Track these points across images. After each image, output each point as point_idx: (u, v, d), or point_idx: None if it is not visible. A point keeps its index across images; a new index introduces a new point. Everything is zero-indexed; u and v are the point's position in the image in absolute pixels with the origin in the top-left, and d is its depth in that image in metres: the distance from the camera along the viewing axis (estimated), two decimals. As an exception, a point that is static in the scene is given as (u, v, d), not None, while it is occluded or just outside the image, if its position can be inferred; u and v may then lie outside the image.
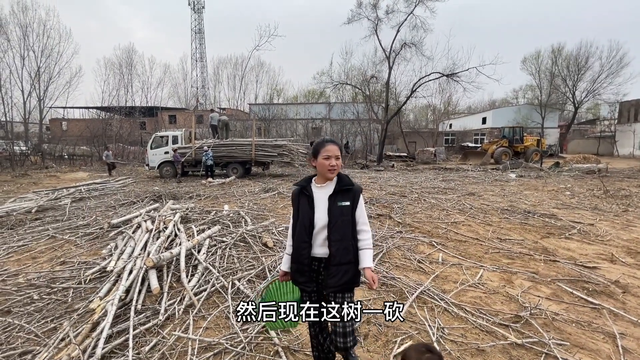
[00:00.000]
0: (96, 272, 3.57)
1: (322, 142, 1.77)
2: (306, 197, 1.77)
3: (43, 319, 2.75)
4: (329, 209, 1.72)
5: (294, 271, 1.81)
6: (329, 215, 1.71)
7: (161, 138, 15.30)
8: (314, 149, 1.78)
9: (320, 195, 1.76)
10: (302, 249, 1.75)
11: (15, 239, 5.11)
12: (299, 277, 1.79)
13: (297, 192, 1.82)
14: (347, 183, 1.77)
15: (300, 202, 1.78)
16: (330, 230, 1.70)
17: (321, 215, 1.73)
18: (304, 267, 1.76)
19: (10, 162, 19.90)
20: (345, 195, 1.74)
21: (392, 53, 22.27)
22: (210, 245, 4.39)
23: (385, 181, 12.33)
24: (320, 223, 1.73)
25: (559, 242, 4.88)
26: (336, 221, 1.70)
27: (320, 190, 1.78)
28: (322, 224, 1.73)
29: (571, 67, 32.36)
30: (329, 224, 1.70)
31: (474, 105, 50.81)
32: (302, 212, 1.76)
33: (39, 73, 26.73)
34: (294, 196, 1.84)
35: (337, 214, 1.70)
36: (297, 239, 1.77)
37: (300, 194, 1.80)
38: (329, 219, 1.71)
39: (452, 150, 31.84)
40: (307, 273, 1.77)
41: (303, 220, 1.75)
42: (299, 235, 1.76)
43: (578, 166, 16.20)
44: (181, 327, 2.62)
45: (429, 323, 2.65)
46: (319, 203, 1.75)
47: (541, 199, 8.31)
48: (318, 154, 1.74)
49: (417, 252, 4.46)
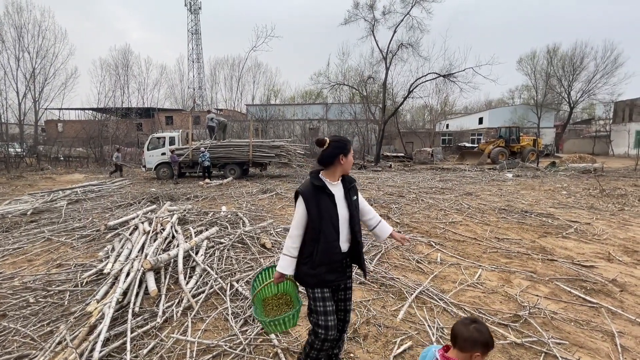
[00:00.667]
0: (93, 275, 3.54)
1: (348, 141, 1.85)
2: (327, 195, 1.78)
3: (39, 323, 2.72)
4: (349, 205, 1.83)
5: (325, 272, 1.78)
6: (350, 210, 1.83)
7: (158, 139, 15.22)
8: (345, 147, 1.81)
9: (337, 193, 1.83)
10: (334, 248, 1.78)
11: (11, 241, 5.06)
12: (331, 275, 1.80)
13: (312, 192, 1.77)
14: (351, 179, 1.91)
15: (320, 202, 1.76)
16: (354, 224, 1.83)
17: (343, 211, 1.81)
18: (337, 264, 1.81)
19: (5, 164, 19.72)
20: (354, 191, 1.90)
21: (389, 54, 22.31)
22: (208, 247, 4.37)
23: (382, 181, 12.35)
24: (343, 219, 1.81)
25: (557, 242, 4.90)
26: (355, 215, 1.85)
27: (335, 187, 1.83)
28: (344, 220, 1.81)
29: (566, 67, 32.56)
30: (352, 219, 1.83)
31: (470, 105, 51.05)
32: (325, 210, 1.75)
33: (34, 74, 26.50)
34: (308, 196, 1.76)
35: (354, 208, 1.86)
36: (327, 239, 1.75)
37: (317, 193, 1.77)
38: (350, 214, 1.82)
39: (449, 150, 31.92)
40: (341, 269, 1.84)
41: (330, 219, 1.76)
42: (328, 235, 1.75)
43: (574, 166, 16.32)
44: (179, 329, 2.60)
45: (428, 323, 2.65)
46: (339, 200, 1.81)
47: (538, 199, 8.35)
48: (349, 152, 1.82)
49: (415, 252, 4.46)
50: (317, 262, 1.77)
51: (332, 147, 1.79)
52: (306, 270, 1.80)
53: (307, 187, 1.80)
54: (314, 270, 1.78)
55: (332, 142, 1.80)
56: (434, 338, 2.45)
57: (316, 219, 1.75)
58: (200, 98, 45.74)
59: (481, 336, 1.30)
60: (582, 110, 40.58)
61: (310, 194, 1.77)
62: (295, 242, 1.82)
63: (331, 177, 1.83)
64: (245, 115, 34.59)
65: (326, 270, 1.78)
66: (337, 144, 1.80)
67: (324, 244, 1.75)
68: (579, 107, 36.17)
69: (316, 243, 1.76)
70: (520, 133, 23.01)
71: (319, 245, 1.75)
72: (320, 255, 1.76)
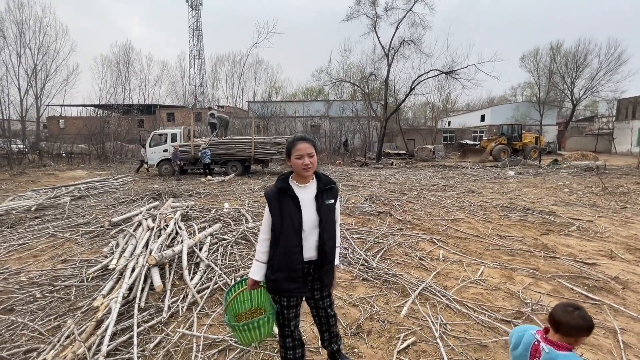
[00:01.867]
0: (98, 270, 3.57)
1: (293, 140, 1.68)
2: (290, 198, 1.66)
3: (46, 317, 2.75)
4: (318, 208, 1.68)
5: (282, 280, 1.68)
6: (320, 214, 1.68)
7: (160, 136, 15.25)
8: (287, 149, 1.70)
9: (304, 195, 1.69)
10: (293, 254, 1.65)
11: (16, 237, 5.10)
12: (290, 284, 1.69)
13: (275, 194, 1.67)
14: (329, 181, 1.78)
15: (282, 204, 1.65)
16: (323, 230, 1.69)
17: (310, 216, 1.67)
18: (297, 272, 1.68)
19: (7, 161, 19.79)
20: (330, 193, 1.75)
21: (391, 50, 22.23)
22: (211, 243, 4.40)
23: (384, 179, 12.35)
24: (309, 224, 1.67)
25: (559, 239, 4.91)
26: (326, 220, 1.70)
27: (303, 190, 1.70)
28: (312, 225, 1.67)
29: (569, 64, 32.40)
30: (321, 224, 1.68)
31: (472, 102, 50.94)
32: (287, 214, 1.64)
33: (36, 71, 26.56)
34: (271, 198, 1.67)
35: (326, 213, 1.70)
36: (287, 244, 1.64)
37: (280, 195, 1.66)
38: (320, 219, 1.68)
39: (451, 147, 31.85)
40: (301, 278, 1.71)
41: (292, 223, 1.63)
42: (287, 240, 1.64)
43: (576, 163, 16.27)
44: (185, 324, 2.63)
45: (431, 319, 2.67)
46: (305, 203, 1.67)
47: (540, 196, 8.35)
48: (291, 154, 1.67)
49: (418, 249, 4.48)
50: (275, 267, 1.68)
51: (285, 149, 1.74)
52: (267, 275, 1.73)
53: (272, 189, 1.71)
54: (272, 276, 1.70)
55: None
56: (437, 334, 2.47)
57: (277, 222, 1.65)
58: (202, 95, 45.72)
59: (586, 322, 1.33)
60: (584, 107, 40.45)
61: (271, 195, 1.68)
62: (264, 246, 1.73)
63: (298, 179, 1.72)
64: (247, 112, 34.57)
65: (284, 278, 1.67)
66: (285, 147, 1.74)
67: (283, 249, 1.65)
68: (582, 104, 36.08)
69: (276, 247, 1.68)
70: (522, 130, 22.94)
71: (277, 249, 1.67)
72: (278, 260, 1.67)
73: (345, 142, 28.03)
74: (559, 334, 1.36)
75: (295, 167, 1.67)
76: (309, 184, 1.73)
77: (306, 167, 1.65)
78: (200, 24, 48.74)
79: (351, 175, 13.35)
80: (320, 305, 1.87)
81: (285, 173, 1.78)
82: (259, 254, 1.75)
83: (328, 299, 1.87)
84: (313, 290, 1.81)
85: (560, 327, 1.35)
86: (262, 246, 1.73)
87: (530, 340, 1.42)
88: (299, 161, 1.65)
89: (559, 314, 1.37)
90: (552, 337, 1.37)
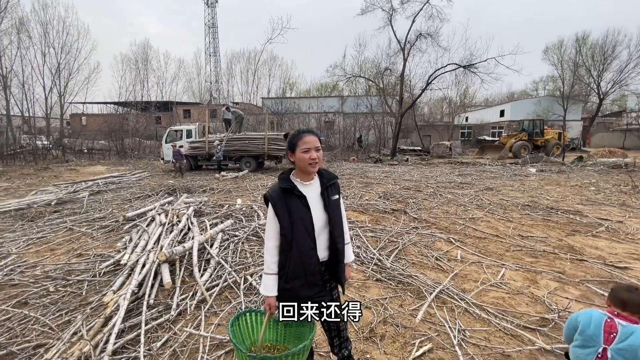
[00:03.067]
0: (110, 265, 3.58)
1: (298, 133, 1.55)
2: (297, 198, 1.53)
3: (58, 312, 2.76)
4: (325, 206, 1.58)
5: (300, 287, 1.55)
6: (328, 212, 1.57)
7: (176, 132, 15.48)
8: (290, 142, 1.56)
9: (310, 194, 1.57)
10: (310, 257, 1.54)
11: (35, 230, 5.22)
12: (309, 290, 1.56)
13: (279, 195, 1.53)
14: (331, 175, 1.67)
15: (291, 206, 1.52)
16: (334, 228, 1.58)
17: (319, 214, 1.56)
18: (316, 275, 1.56)
19: (33, 156, 20.58)
20: (334, 189, 1.65)
21: (407, 44, 21.71)
22: (223, 240, 4.36)
23: (399, 175, 12.11)
24: (320, 223, 1.56)
25: (586, 240, 4.63)
26: (335, 217, 1.60)
27: (309, 187, 1.58)
28: (322, 224, 1.57)
29: (596, 56, 30.85)
30: (330, 222, 1.58)
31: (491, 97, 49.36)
32: (297, 216, 1.51)
33: (59, 69, 27.43)
34: (276, 200, 1.53)
35: (334, 210, 1.61)
36: (302, 248, 1.52)
37: (286, 196, 1.53)
38: (329, 217, 1.57)
39: (469, 144, 31.03)
40: (321, 282, 1.59)
41: (304, 224, 1.52)
42: (302, 243, 1.52)
43: (603, 160, 15.50)
44: (193, 323, 2.58)
45: (449, 325, 2.52)
46: (313, 202, 1.56)
47: (564, 195, 7.96)
48: (296, 147, 1.53)
49: (434, 248, 4.31)
50: (289, 275, 1.53)
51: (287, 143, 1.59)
52: (281, 285, 1.56)
53: (275, 190, 1.55)
54: (287, 285, 1.54)
55: (285, 136, 1.58)
56: (455, 341, 2.32)
57: (287, 225, 1.51)
58: (217, 92, 46.24)
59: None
60: (612, 102, 38.43)
61: (276, 197, 1.53)
62: (273, 254, 1.57)
63: (301, 176, 1.58)
64: (261, 109, 34.70)
65: (302, 284, 1.54)
66: (287, 140, 1.59)
67: (297, 253, 1.52)
68: (609, 98, 34.24)
69: (288, 253, 1.53)
70: (544, 126, 22.03)
71: (291, 255, 1.52)
72: (294, 266, 1.52)
73: (360, 138, 27.74)
74: (627, 312, 1.45)
75: (301, 162, 1.53)
76: (313, 181, 1.61)
77: (313, 162, 1.52)
78: (216, 21, 49.17)
79: (365, 172, 13.16)
80: None
81: (285, 171, 1.64)
82: (270, 264, 1.57)
83: (338, 302, 1.75)
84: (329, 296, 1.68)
85: (627, 306, 1.45)
86: (272, 255, 1.57)
87: (602, 318, 1.47)
88: (305, 155, 1.51)
89: (624, 294, 1.48)
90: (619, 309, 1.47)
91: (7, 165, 17.98)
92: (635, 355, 1.38)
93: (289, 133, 1.60)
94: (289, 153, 1.58)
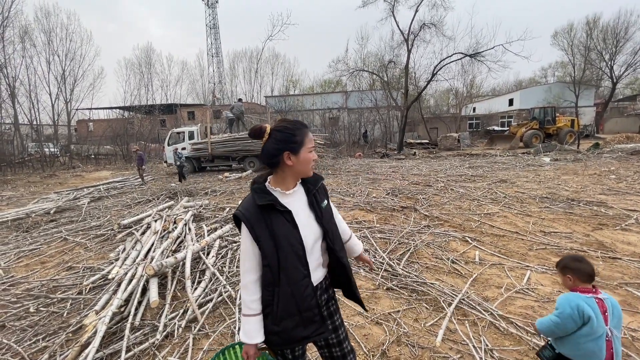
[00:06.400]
0: (98, 280, 3.32)
1: (300, 128, 1.20)
2: (280, 214, 1.18)
3: (35, 336, 2.50)
4: (317, 216, 1.25)
5: (293, 327, 1.20)
6: (322, 222, 1.25)
7: (178, 134, 15.30)
8: (291, 140, 1.18)
9: (295, 205, 1.23)
10: (304, 289, 1.20)
11: (28, 242, 5.02)
12: (304, 329, 1.21)
13: (257, 215, 1.17)
14: (316, 177, 1.32)
15: (273, 225, 1.16)
16: (333, 242, 1.28)
17: (309, 230, 1.23)
18: (313, 310, 1.22)
19: (41, 164, 20.69)
20: (321, 193, 1.33)
21: (411, 35, 21.13)
22: (220, 247, 4.08)
23: (407, 170, 11.70)
24: (310, 240, 1.23)
25: (615, 235, 4.21)
26: (332, 229, 1.30)
27: (291, 197, 1.24)
28: (313, 240, 1.24)
29: (608, 39, 29.71)
30: (327, 235, 1.26)
31: (498, 86, 48.19)
32: (283, 237, 1.17)
33: (64, 76, 27.49)
34: (253, 222, 1.17)
35: (328, 218, 1.30)
36: (293, 279, 1.17)
37: (265, 214, 1.17)
38: (324, 230, 1.25)
39: (477, 135, 30.30)
40: (319, 316, 1.24)
41: (292, 248, 1.17)
42: (293, 273, 1.17)
43: (620, 146, 14.84)
44: (180, 348, 2.28)
45: (473, 343, 2.18)
46: (300, 216, 1.22)
47: (584, 185, 7.48)
48: (302, 146, 1.19)
49: (449, 249, 3.95)
50: (278, 315, 1.19)
51: (273, 139, 1.18)
52: (269, 327, 1.21)
53: (249, 208, 1.19)
54: (277, 327, 1.20)
55: (274, 131, 1.19)
56: (482, 364, 1.98)
57: (271, 252, 1.16)
58: (221, 92, 46.09)
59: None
60: (625, 85, 37.12)
61: (256, 217, 1.17)
62: (254, 292, 1.21)
63: (283, 185, 1.24)
64: (265, 107, 34.46)
65: (295, 324, 1.21)
66: (281, 135, 1.18)
67: (287, 287, 1.18)
68: (623, 82, 32.96)
69: (275, 287, 1.19)
70: (556, 113, 21.28)
71: (279, 289, 1.18)
72: (284, 304, 1.18)
73: (365, 133, 27.27)
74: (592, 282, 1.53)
75: (303, 165, 1.21)
76: (296, 188, 1.27)
77: (314, 164, 1.25)
78: (217, 21, 48.91)
79: (372, 168, 12.78)
80: (332, 340, 1.37)
81: (257, 178, 1.28)
82: (250, 304, 1.21)
83: (342, 329, 1.40)
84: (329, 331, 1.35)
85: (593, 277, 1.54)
86: (252, 292, 1.21)
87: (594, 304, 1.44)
88: (310, 155, 1.21)
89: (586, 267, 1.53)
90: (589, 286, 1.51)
91: (15, 173, 18.08)
92: (620, 319, 1.48)
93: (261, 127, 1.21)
94: (286, 154, 1.18)
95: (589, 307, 1.41)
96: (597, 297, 1.45)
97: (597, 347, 1.40)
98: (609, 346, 1.41)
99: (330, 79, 33.25)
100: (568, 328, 1.46)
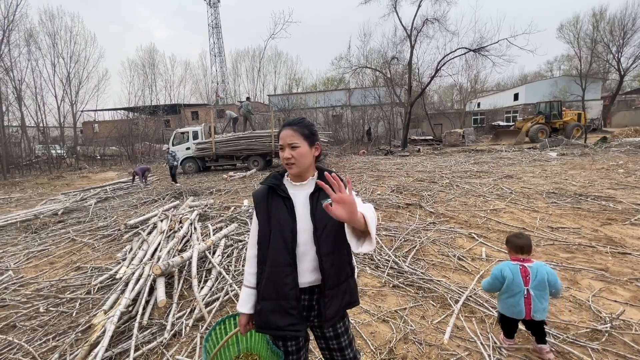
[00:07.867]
0: (106, 280, 3.36)
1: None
2: (282, 199, 1.25)
3: (45, 336, 2.53)
4: (311, 212, 1.23)
5: (269, 312, 1.22)
6: (313, 219, 1.22)
7: (182, 134, 15.37)
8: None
9: (299, 197, 1.26)
10: (284, 275, 1.21)
11: (37, 243, 5.08)
12: (280, 318, 1.22)
13: (264, 193, 1.28)
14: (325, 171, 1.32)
15: (272, 207, 1.25)
16: (319, 241, 1.21)
17: (305, 224, 1.23)
18: (289, 301, 1.21)
19: (47, 165, 20.93)
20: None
21: (414, 31, 20.99)
22: (226, 246, 4.09)
23: (411, 167, 11.65)
24: (304, 235, 1.23)
25: (625, 230, 4.16)
26: (324, 227, 1.22)
27: (298, 189, 1.28)
28: (308, 237, 1.23)
29: (615, 30, 29.21)
30: (315, 232, 1.22)
31: (503, 81, 47.64)
32: (277, 220, 1.23)
33: (69, 78, 27.73)
34: (259, 199, 1.29)
35: (321, 218, 1.23)
36: (276, 262, 1.21)
37: (270, 195, 1.27)
38: (314, 226, 1.22)
39: (482, 130, 30.04)
40: (296, 310, 1.23)
41: (282, 231, 1.21)
42: (276, 256, 1.21)
43: (629, 140, 14.63)
44: (188, 347, 2.30)
45: (480, 340, 2.17)
46: (300, 207, 1.25)
47: (591, 179, 7.39)
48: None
49: (455, 246, 3.93)
50: (262, 293, 1.25)
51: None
52: (256, 305, 1.29)
53: (261, 188, 1.32)
54: (259, 306, 1.26)
55: None
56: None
57: (265, 232, 1.24)
58: (224, 92, 46.20)
59: None
60: (633, 78, 36.54)
61: (260, 195, 1.30)
62: (252, 265, 1.32)
63: (291, 176, 1.30)
64: (268, 106, 34.47)
65: (272, 309, 1.22)
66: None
67: (271, 267, 1.22)
68: (631, 74, 32.39)
69: (263, 266, 1.26)
70: (562, 107, 21.01)
71: (265, 269, 1.24)
72: (266, 283, 1.23)
73: (369, 130, 27.17)
74: (524, 254, 1.95)
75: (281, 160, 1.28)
76: (307, 182, 1.29)
77: (288, 163, 1.24)
78: (219, 21, 48.99)
79: (376, 165, 12.73)
80: (333, 345, 1.34)
81: (281, 169, 1.36)
82: (247, 275, 1.33)
83: (345, 336, 1.35)
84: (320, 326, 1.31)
85: (524, 250, 1.95)
86: (250, 265, 1.32)
87: (516, 267, 1.91)
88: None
89: (518, 241, 1.97)
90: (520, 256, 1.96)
91: (23, 175, 18.31)
92: (545, 285, 1.86)
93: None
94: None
95: (509, 270, 1.89)
96: (522, 265, 1.89)
97: (515, 302, 1.86)
98: (527, 302, 1.85)
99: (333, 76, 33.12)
100: (496, 285, 1.95)
